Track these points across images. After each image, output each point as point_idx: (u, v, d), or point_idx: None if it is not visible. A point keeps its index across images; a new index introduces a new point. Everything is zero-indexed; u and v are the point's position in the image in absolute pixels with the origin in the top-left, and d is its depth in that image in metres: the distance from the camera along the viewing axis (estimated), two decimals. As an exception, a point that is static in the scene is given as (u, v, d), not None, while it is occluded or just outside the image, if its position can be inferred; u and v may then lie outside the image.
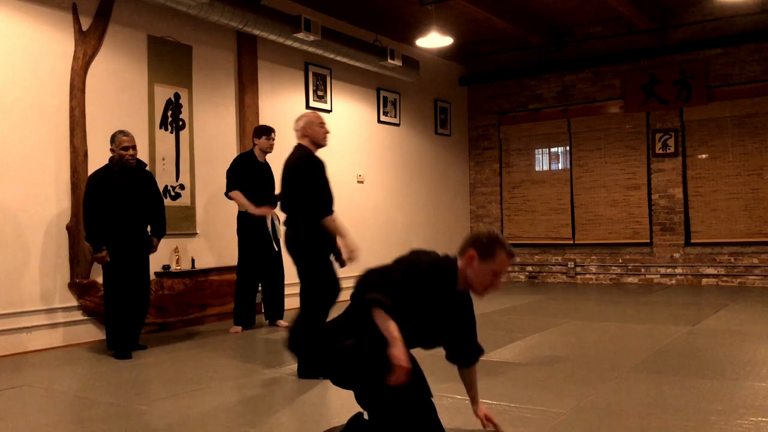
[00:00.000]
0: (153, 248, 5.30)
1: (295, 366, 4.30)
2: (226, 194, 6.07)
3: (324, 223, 4.17)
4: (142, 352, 5.09)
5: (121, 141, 4.98)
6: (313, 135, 4.29)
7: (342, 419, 3.33)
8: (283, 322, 6.23)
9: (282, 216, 4.41)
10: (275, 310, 6.27)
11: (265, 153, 6.18)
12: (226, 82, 7.00)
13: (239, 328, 6.00)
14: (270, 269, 6.16)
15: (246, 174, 6.04)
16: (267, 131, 6.19)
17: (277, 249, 6.05)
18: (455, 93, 10.67)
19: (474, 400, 2.97)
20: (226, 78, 6.99)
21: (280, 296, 6.31)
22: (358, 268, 3.06)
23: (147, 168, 5.34)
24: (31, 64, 5.34)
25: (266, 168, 6.22)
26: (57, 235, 5.47)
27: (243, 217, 6.03)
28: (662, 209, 9.36)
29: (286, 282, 6.31)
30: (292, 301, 7.38)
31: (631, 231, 9.58)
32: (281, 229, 6.10)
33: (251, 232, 6.00)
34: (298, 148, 4.31)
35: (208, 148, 6.55)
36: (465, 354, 2.90)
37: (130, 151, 5.00)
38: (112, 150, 5.02)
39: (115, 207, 4.94)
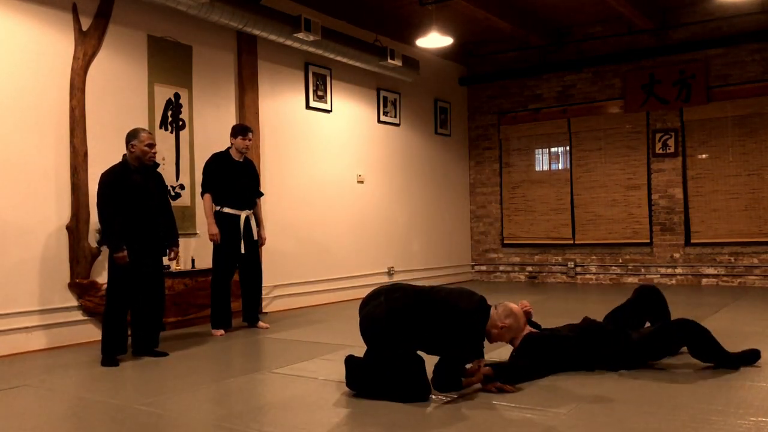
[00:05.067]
0: (175, 256, 5.21)
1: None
2: (202, 195, 5.99)
3: None
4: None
5: (144, 138, 4.84)
6: None
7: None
8: (262, 323, 6.20)
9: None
10: (251, 314, 6.20)
11: (242, 153, 6.05)
12: (226, 82, 7.00)
13: (222, 331, 5.86)
14: (245, 270, 6.10)
15: (220, 174, 5.91)
16: (243, 131, 6.01)
17: (244, 251, 5.95)
18: (455, 93, 10.67)
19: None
20: (226, 78, 7.00)
21: (258, 298, 6.29)
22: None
23: (159, 169, 5.22)
24: (31, 64, 5.34)
25: (245, 166, 6.09)
26: (57, 235, 5.47)
27: (216, 217, 5.92)
28: (662, 209, 9.36)
29: (264, 284, 6.33)
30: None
31: (631, 231, 9.58)
32: (255, 230, 6.09)
33: (222, 232, 5.88)
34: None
35: (208, 148, 6.53)
36: None
37: (154, 149, 4.91)
38: (132, 146, 4.84)
39: (132, 206, 4.80)
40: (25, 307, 5.24)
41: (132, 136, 4.88)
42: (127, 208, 4.79)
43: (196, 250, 6.54)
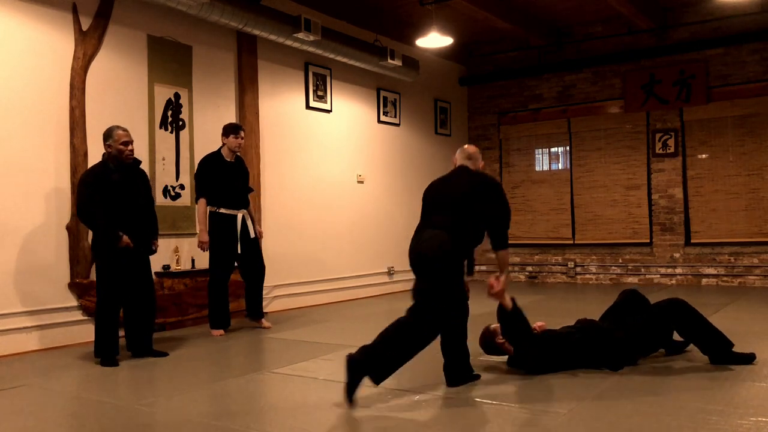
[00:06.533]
0: (153, 250, 5.10)
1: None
2: (196, 200, 5.95)
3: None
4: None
5: (119, 136, 4.76)
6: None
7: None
8: (265, 322, 6.19)
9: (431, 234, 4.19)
10: (256, 309, 6.19)
11: (234, 152, 6.03)
12: (226, 82, 7.01)
13: (221, 331, 5.85)
14: (247, 267, 6.09)
15: (214, 175, 5.89)
16: (235, 129, 6.00)
17: (240, 250, 5.93)
18: (455, 93, 10.67)
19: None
20: (226, 78, 7.00)
21: (260, 295, 6.28)
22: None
23: (142, 166, 5.12)
24: (31, 64, 5.34)
25: (237, 166, 6.07)
26: (57, 235, 5.47)
27: (212, 218, 5.90)
28: (662, 209, 9.36)
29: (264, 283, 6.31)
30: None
31: (631, 231, 9.58)
32: (251, 228, 6.08)
33: (220, 233, 5.87)
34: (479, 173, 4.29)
35: (208, 148, 6.52)
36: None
37: (130, 147, 4.81)
38: (108, 146, 4.77)
39: (112, 206, 4.72)
40: (25, 307, 5.24)
41: (107, 135, 4.80)
42: (108, 208, 4.71)
43: (195, 250, 6.53)
